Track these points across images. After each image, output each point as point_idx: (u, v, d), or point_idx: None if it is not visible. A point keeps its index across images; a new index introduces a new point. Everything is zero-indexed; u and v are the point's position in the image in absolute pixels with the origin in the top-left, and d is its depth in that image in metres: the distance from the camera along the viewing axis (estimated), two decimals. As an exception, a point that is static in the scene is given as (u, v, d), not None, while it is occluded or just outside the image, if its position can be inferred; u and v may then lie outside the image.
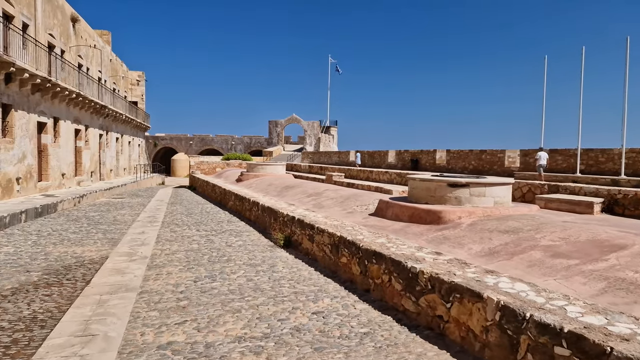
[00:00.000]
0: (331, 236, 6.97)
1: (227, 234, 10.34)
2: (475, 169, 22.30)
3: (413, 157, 25.90)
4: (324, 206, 11.63)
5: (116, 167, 30.67)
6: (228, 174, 27.37)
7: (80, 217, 13.28)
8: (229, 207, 15.82)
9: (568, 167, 19.77)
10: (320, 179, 21.80)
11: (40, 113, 17.07)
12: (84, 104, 21.75)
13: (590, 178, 16.02)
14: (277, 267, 7.20)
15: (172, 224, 12.08)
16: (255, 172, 22.33)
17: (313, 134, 64.78)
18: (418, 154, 25.79)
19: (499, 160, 22.26)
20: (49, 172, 17.74)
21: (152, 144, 63.65)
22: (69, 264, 7.35)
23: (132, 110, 35.15)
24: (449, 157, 23.79)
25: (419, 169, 24.07)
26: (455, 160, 23.45)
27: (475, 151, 22.91)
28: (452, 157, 23.63)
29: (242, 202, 13.71)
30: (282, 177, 20.97)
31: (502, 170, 21.21)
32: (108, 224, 11.97)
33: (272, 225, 10.28)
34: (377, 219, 9.04)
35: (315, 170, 27.47)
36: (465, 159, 23.17)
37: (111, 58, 33.45)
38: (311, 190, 14.44)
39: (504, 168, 21.39)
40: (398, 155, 27.43)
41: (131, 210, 15.16)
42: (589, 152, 18.37)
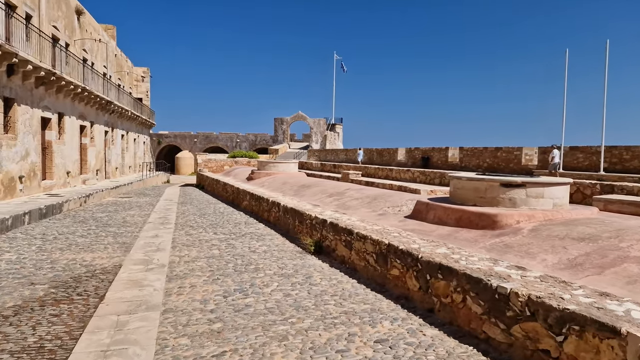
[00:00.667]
0: (376, 243, 6.11)
1: (248, 238, 9.50)
2: (490, 167, 21.51)
3: (424, 154, 25.09)
4: (350, 207, 10.78)
5: (121, 165, 29.89)
6: (237, 172, 26.56)
7: (87, 218, 12.47)
8: (243, 207, 14.99)
9: (590, 165, 18.93)
10: (335, 177, 20.94)
11: (44, 108, 16.27)
12: (89, 99, 20.95)
13: (616, 176, 15.16)
14: (314, 278, 6.35)
15: (186, 225, 11.25)
16: (267, 170, 21.51)
17: (319, 132, 63.89)
18: (429, 152, 25.03)
19: (516, 158, 21.42)
20: (53, 171, 16.95)
21: (156, 141, 63.03)
22: (79, 274, 6.53)
23: (138, 107, 34.36)
24: (462, 154, 23.00)
25: (429, 167, 23.33)
26: (469, 158, 22.67)
27: (490, 148, 22.09)
28: (466, 155, 22.85)
29: (259, 202, 12.87)
30: (295, 176, 20.14)
31: (519, 168, 20.39)
32: (118, 226, 11.16)
33: (297, 229, 9.43)
34: (416, 223, 8.18)
35: (328, 168, 26.61)
36: (480, 156, 22.36)
37: (116, 53, 32.65)
38: (331, 190, 13.59)
39: (521, 166, 20.57)
40: (408, 153, 26.67)
41: (140, 211, 14.35)
42: (612, 150, 17.53)
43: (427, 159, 24.43)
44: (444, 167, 22.67)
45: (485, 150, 22.09)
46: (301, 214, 9.23)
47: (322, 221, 8.06)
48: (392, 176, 20.26)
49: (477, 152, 22.36)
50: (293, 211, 9.80)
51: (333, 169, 25.88)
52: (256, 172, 21.54)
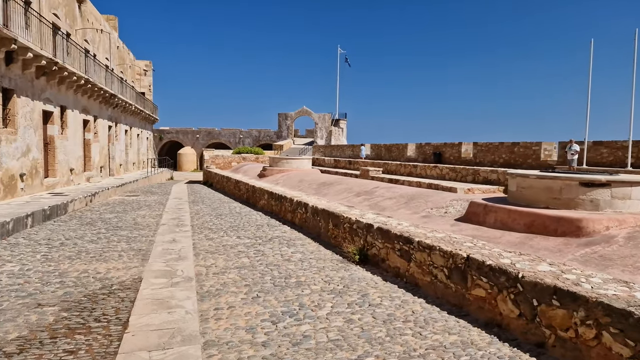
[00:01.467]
0: (448, 256, 5.13)
1: (276, 243, 8.53)
2: (507, 162, 20.69)
3: (435, 150, 24.25)
4: (386, 208, 9.80)
5: (125, 161, 28.89)
6: (246, 168, 25.56)
7: (95, 219, 11.48)
8: (260, 206, 14.00)
9: (615, 161, 18.10)
10: (352, 174, 19.95)
11: (46, 101, 15.24)
12: (92, 92, 19.89)
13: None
14: (371, 296, 5.38)
15: (204, 228, 10.27)
16: (279, 166, 20.51)
17: (324, 127, 62.82)
18: (441, 147, 24.15)
19: (534, 153, 20.54)
20: (56, 168, 15.95)
21: (158, 137, 62.02)
22: (93, 291, 5.55)
23: (141, 101, 33.30)
24: (476, 150, 22.16)
25: (442, 163, 22.54)
26: (484, 154, 21.84)
27: (507, 144, 21.22)
28: (480, 151, 22.02)
29: (281, 202, 11.89)
30: (310, 173, 19.16)
31: (538, 164, 19.55)
32: (129, 228, 10.17)
33: (331, 233, 8.45)
34: (473, 227, 7.21)
35: (342, 164, 25.59)
36: (495, 152, 21.54)
37: (118, 45, 31.54)
38: (357, 188, 12.60)
39: (540, 162, 19.71)
40: (418, 149, 25.76)
41: (151, 211, 13.37)
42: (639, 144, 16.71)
43: (439, 154, 23.67)
44: (457, 163, 21.98)
45: (501, 146, 21.24)
46: (337, 217, 8.25)
47: (367, 225, 7.08)
48: (417, 173, 19.26)
49: (493, 147, 21.52)
50: (325, 213, 8.82)
51: (348, 165, 24.87)
52: (268, 168, 20.55)
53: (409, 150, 26.40)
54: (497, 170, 15.30)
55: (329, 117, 63.19)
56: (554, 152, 21.23)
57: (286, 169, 20.12)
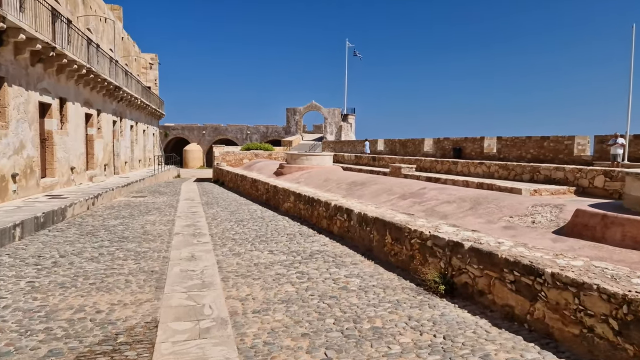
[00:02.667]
0: (618, 301, 3.41)
1: (320, 261, 6.85)
2: (535, 158, 19.11)
3: (455, 145, 22.80)
4: (447, 214, 8.08)
5: (131, 158, 27.32)
6: (259, 166, 23.90)
7: (97, 227, 9.85)
8: (285, 209, 12.33)
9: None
10: (379, 171, 18.25)
11: (43, 91, 13.60)
12: (95, 83, 18.25)
13: None
14: (493, 356, 3.68)
15: (225, 238, 8.61)
16: (298, 163, 18.82)
17: (334, 122, 61.07)
18: (461, 142, 22.71)
19: (567, 148, 18.87)
20: (54, 166, 14.34)
21: (163, 134, 60.76)
22: (91, 345, 3.89)
23: (147, 95, 31.70)
24: (500, 145, 20.76)
25: (462, 158, 21.14)
26: (509, 149, 20.43)
27: (535, 138, 19.69)
28: (505, 145, 20.61)
29: (313, 206, 10.20)
30: (333, 170, 17.45)
31: (571, 159, 17.86)
32: (138, 239, 8.52)
33: (391, 249, 6.75)
34: (589, 245, 5.47)
35: (365, 161, 23.86)
36: (522, 147, 20.09)
37: (123, 36, 29.92)
38: (399, 189, 10.87)
39: (573, 157, 18.02)
40: (436, 144, 24.38)
41: (161, 216, 11.73)
42: None
43: (459, 150, 22.35)
44: (478, 159, 20.58)
45: (528, 140, 19.70)
46: (399, 229, 6.54)
47: (451, 244, 5.37)
48: (458, 171, 17.53)
49: (519, 142, 20.05)
50: (380, 223, 7.12)
51: (372, 162, 23.11)
52: (286, 166, 18.86)
53: (425, 145, 25.31)
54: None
55: (338, 112, 61.43)
56: (587, 147, 19.54)
57: (306, 166, 18.43)
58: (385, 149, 29.51)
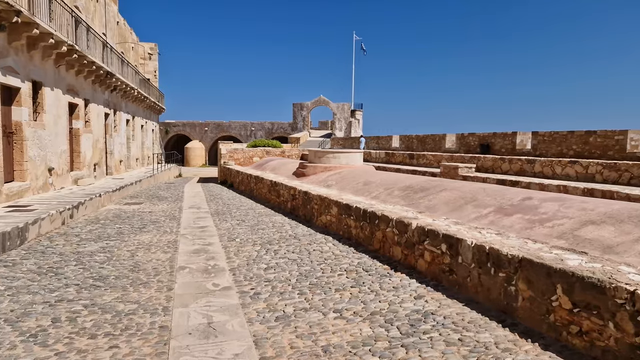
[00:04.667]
0: None
1: (441, 343, 3.84)
2: (579, 155, 16.32)
3: (482, 141, 20.49)
4: (613, 246, 5.05)
5: (127, 157, 24.31)
6: (273, 165, 20.86)
7: (66, 257, 6.83)
8: (322, 224, 9.33)
9: None
10: (424, 171, 15.25)
11: (7, 71, 10.58)
12: (81, 66, 15.21)
13: None
14: None
15: (256, 279, 5.61)
16: (324, 162, 15.80)
17: (343, 118, 58.02)
18: (489, 138, 20.24)
19: (617, 143, 15.95)
20: (24, 167, 11.32)
21: (164, 130, 58.09)
22: None
23: (145, 87, 28.66)
24: (536, 141, 18.31)
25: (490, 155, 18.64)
26: (547, 145, 17.89)
27: (579, 133, 16.98)
28: (542, 142, 18.16)
29: (373, 224, 7.18)
30: (370, 171, 14.43)
31: (621, 156, 15.01)
32: (122, 283, 5.51)
33: (570, 321, 3.75)
34: None
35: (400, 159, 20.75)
36: (563, 142, 17.47)
37: (118, 20, 26.87)
38: (490, 199, 7.82)
39: (625, 154, 15.14)
40: (460, 140, 22.11)
41: (159, 233, 8.74)
42: None
43: (487, 146, 20.09)
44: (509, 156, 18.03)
45: (570, 135, 16.94)
46: (591, 286, 3.53)
47: None
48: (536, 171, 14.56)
49: (559, 137, 17.46)
50: (536, 268, 4.11)
51: (409, 160, 20.02)
52: (309, 165, 15.83)
53: (447, 141, 23.17)
54: None
55: (348, 107, 58.35)
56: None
57: (333, 165, 15.42)
58: (401, 145, 27.52)
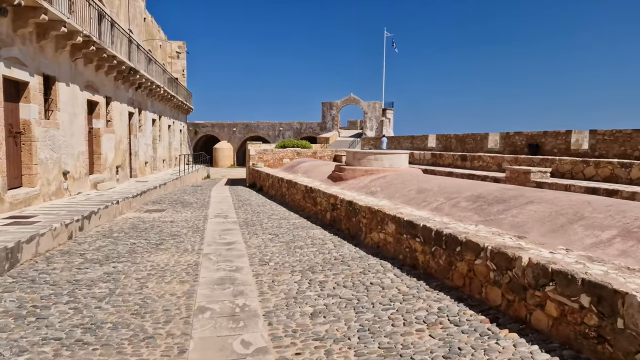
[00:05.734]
0: None
1: None
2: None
3: (531, 140, 18.60)
4: None
5: (153, 158, 23.30)
6: (305, 167, 19.24)
7: (58, 290, 5.36)
8: (375, 243, 7.57)
9: None
10: (484, 175, 13.27)
11: (12, 62, 9.36)
12: (101, 60, 14.04)
13: None
14: None
15: (302, 335, 3.92)
16: (364, 165, 14.06)
17: (374, 117, 55.97)
18: (538, 137, 18.30)
19: None
20: (33, 172, 10.11)
21: (193, 131, 58.11)
22: None
23: (173, 85, 27.69)
24: (595, 140, 15.96)
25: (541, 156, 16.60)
26: (608, 145, 15.96)
27: None
28: (601, 141, 16.29)
29: (451, 251, 5.36)
30: (420, 176, 12.58)
31: None
32: (119, 339, 3.94)
33: None
34: None
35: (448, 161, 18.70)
36: (627, 142, 15.71)
37: (145, 17, 25.99)
38: (612, 220, 5.86)
39: None
40: (504, 139, 20.20)
41: (178, 253, 7.22)
42: None
43: (537, 146, 18.16)
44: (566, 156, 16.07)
45: (636, 134, 14.83)
46: None
47: None
48: (635, 177, 12.27)
49: (622, 136, 15.18)
50: None
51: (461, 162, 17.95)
52: (347, 168, 14.11)
53: (490, 141, 21.34)
54: None
55: (379, 105, 56.23)
56: None
57: (376, 168, 13.64)
58: (438, 145, 25.91)
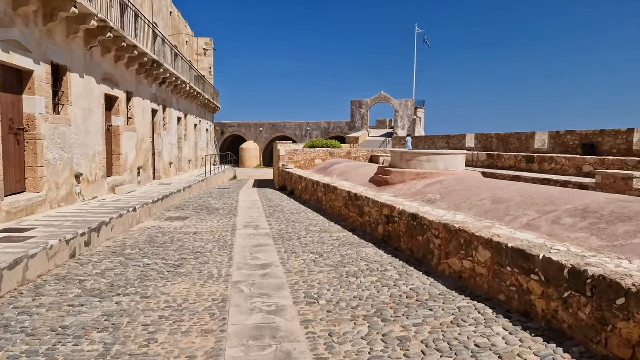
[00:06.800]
0: None
1: None
2: None
3: (585, 140, 16.77)
4: None
5: (178, 159, 22.12)
6: (340, 169, 17.48)
7: (34, 345, 3.83)
8: (452, 270, 5.74)
9: None
10: (562, 181, 11.17)
11: (12, 46, 8.05)
12: (121, 50, 12.74)
13: None
14: None
15: None
16: (414, 167, 12.19)
17: (406, 116, 53.65)
18: (594, 136, 16.34)
19: None
20: (37, 174, 8.79)
21: (220, 131, 57.67)
22: None
23: (199, 83, 26.52)
24: None
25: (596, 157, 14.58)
26: None
27: None
28: None
29: (606, 306, 3.48)
30: (486, 182, 10.65)
31: None
32: None
33: None
34: None
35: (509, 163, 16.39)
36: None
37: (172, 11, 24.89)
38: None
39: None
40: (554, 139, 18.17)
41: (201, 279, 5.61)
42: None
43: (592, 146, 16.35)
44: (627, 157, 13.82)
45: None
46: None
47: None
48: None
49: None
50: None
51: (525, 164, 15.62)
52: (393, 171, 12.26)
53: (537, 141, 19.27)
54: None
55: (412, 103, 53.85)
56: None
57: (428, 171, 11.74)
58: (477, 145, 24.00)
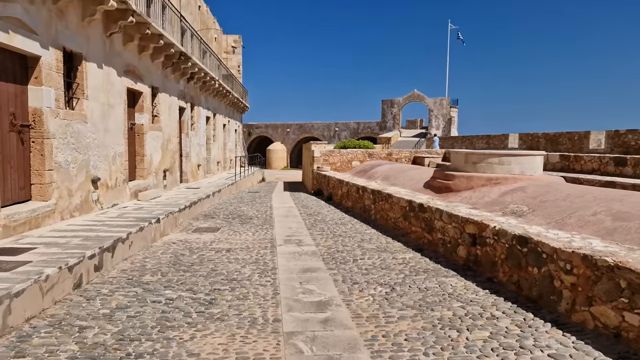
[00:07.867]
0: None
1: None
2: None
3: None
4: None
5: (206, 160, 20.84)
6: (383, 171, 15.69)
7: None
8: (592, 326, 3.88)
9: None
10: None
11: (13, 25, 6.71)
12: (145, 39, 11.40)
13: None
14: None
15: None
16: (482, 171, 10.31)
17: (441, 115, 51.15)
18: None
19: None
20: (45, 179, 7.43)
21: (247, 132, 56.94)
22: None
23: (228, 81, 25.26)
24: None
25: None
26: None
27: None
28: None
29: None
30: (584, 190, 8.66)
31: None
32: None
33: None
34: None
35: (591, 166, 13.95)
36: None
37: (200, 5, 23.73)
38: None
39: None
40: (612, 139, 16.15)
41: (240, 328, 3.97)
42: None
43: None
44: None
45: None
46: None
47: None
48: None
49: None
50: None
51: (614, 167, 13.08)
52: (457, 175, 10.41)
53: (591, 141, 17.24)
54: None
55: (447, 102, 51.31)
56: None
57: (501, 175, 9.82)
58: (522, 146, 21.90)
